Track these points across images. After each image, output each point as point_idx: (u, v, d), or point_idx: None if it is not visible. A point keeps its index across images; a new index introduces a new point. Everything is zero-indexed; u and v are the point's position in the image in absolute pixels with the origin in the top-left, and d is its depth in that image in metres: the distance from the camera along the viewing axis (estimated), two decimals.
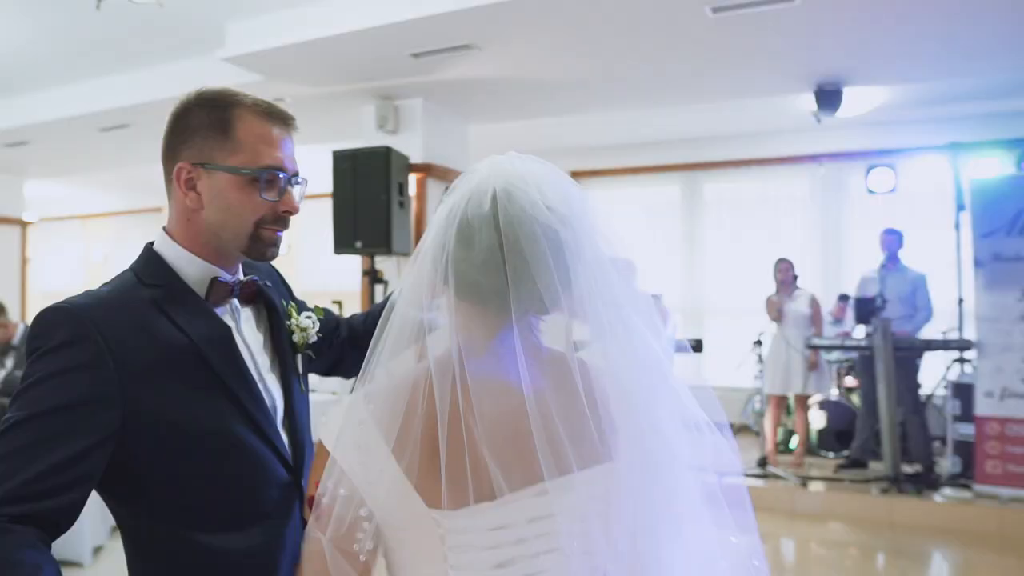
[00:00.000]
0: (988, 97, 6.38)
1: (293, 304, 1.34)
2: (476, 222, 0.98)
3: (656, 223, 9.07)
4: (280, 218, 1.23)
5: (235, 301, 1.24)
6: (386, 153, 5.46)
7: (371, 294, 5.65)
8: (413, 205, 6.01)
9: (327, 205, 5.74)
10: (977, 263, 5.40)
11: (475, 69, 5.38)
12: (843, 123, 7.19)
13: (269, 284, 1.31)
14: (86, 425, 1.04)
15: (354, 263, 6.25)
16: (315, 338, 1.32)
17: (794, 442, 6.37)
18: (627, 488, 0.98)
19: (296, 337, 1.29)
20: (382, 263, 5.78)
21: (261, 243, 1.21)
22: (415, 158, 5.99)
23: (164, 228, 1.25)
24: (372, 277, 5.64)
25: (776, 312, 6.08)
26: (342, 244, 5.60)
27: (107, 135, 7.35)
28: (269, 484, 1.17)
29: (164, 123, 1.25)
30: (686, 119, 7.61)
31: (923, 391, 5.93)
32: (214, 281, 1.20)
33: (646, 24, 4.53)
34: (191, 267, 1.20)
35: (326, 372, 1.52)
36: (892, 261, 5.90)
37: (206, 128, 1.19)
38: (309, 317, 1.32)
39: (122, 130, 7.11)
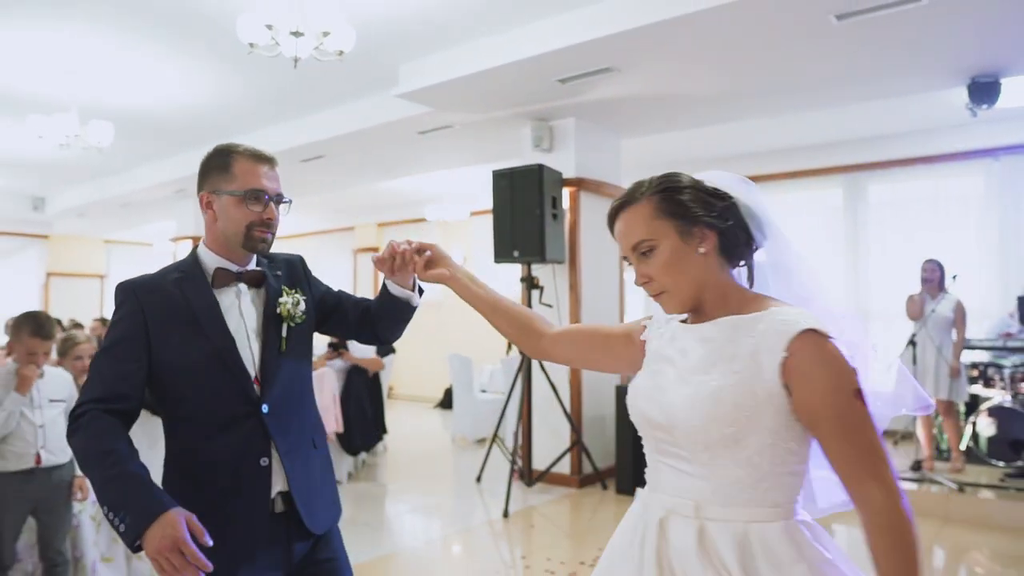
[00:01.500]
0: None
1: (288, 289, 1.86)
2: None
3: (818, 226, 8.94)
4: (264, 222, 1.79)
5: (241, 284, 1.81)
6: (539, 170, 6.00)
7: (528, 298, 6.18)
8: (567, 217, 6.51)
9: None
10: None
11: (618, 88, 5.79)
12: (1019, 112, 6.85)
13: (279, 273, 1.88)
14: (132, 352, 1.69)
15: (514, 271, 6.82)
16: (300, 315, 1.85)
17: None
18: None
19: (280, 310, 1.83)
20: (538, 270, 6.32)
21: (252, 240, 1.79)
22: (568, 173, 6.49)
23: (203, 241, 1.87)
24: (529, 283, 6.19)
25: (917, 311, 5.94)
26: (501, 254, 6.20)
27: (306, 165, 8.49)
28: (235, 404, 1.73)
29: (353, 153, 1.81)
30: (847, 120, 7.51)
31: None
32: (218, 270, 1.79)
33: (771, 38, 4.74)
34: (208, 260, 1.81)
35: (353, 333, 2.07)
36: None
37: (215, 170, 1.80)
38: (298, 302, 1.85)
39: (318, 160, 8.20)
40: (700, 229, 1.41)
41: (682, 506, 1.37)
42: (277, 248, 1.93)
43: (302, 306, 1.86)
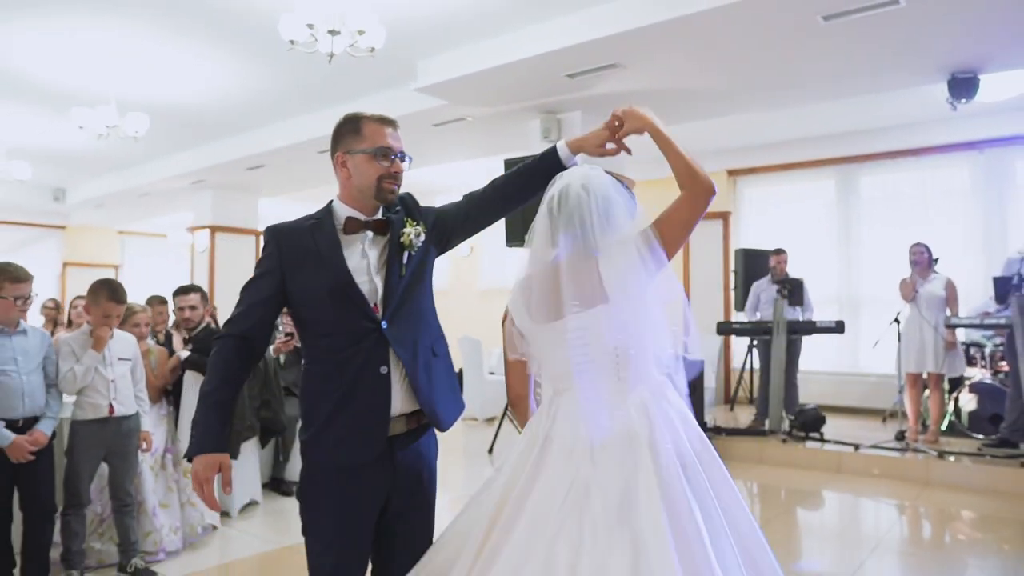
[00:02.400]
0: None
1: (410, 220, 2.17)
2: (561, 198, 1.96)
3: (812, 216, 9.35)
4: (392, 175, 2.09)
5: (368, 233, 2.11)
6: None
7: None
8: None
9: None
10: None
11: (622, 84, 6.19)
12: (1004, 107, 7.24)
13: (399, 209, 2.17)
14: (269, 283, 2.05)
15: (524, 254, 7.18)
16: (419, 244, 2.15)
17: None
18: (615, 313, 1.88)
19: (403, 240, 2.13)
20: None
21: (382, 191, 2.09)
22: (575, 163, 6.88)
23: (337, 195, 2.21)
24: None
25: (911, 293, 6.36)
26: (512, 238, 6.61)
27: (324, 156, 8.83)
28: (357, 324, 2.03)
29: None
30: (838, 114, 7.89)
31: None
32: (348, 219, 2.10)
33: (764, 37, 5.15)
34: (340, 211, 2.12)
35: (463, 232, 2.32)
36: None
37: (348, 133, 2.13)
38: (419, 234, 2.15)
39: None
40: None
41: None
42: None
43: (422, 237, 2.17)
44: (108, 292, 3.64)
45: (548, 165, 2.23)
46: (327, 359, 2.05)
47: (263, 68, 6.55)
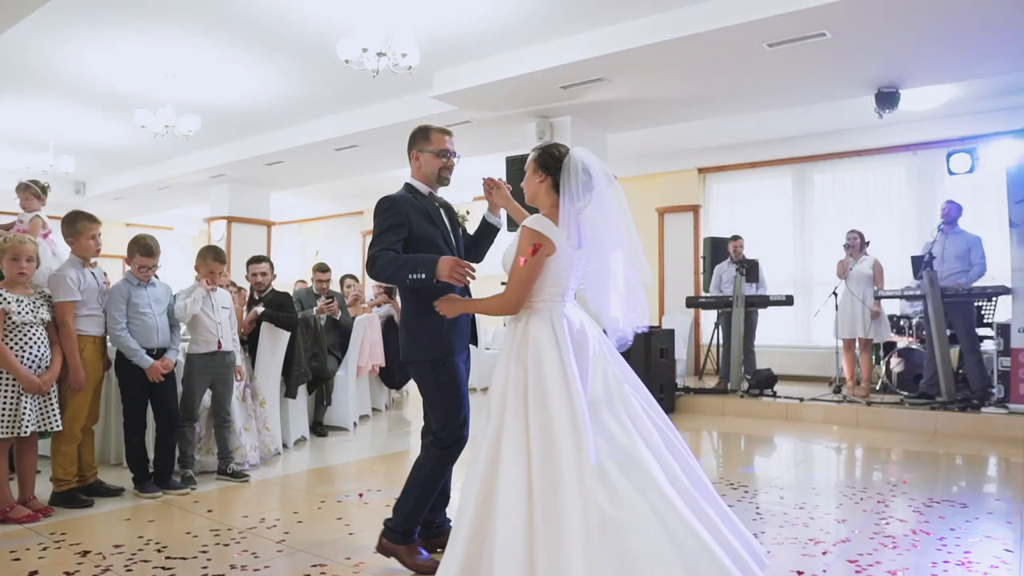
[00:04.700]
0: None
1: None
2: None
3: (772, 209, 10.60)
4: (448, 167, 3.19)
5: (437, 203, 3.25)
6: None
7: None
8: None
9: None
10: (1012, 224, 6.70)
11: (608, 94, 7.36)
12: (932, 115, 8.49)
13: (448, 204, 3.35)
14: (399, 231, 3.04)
15: None
16: (465, 220, 3.29)
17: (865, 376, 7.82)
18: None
19: (459, 219, 3.32)
20: None
21: (442, 178, 3.19)
22: None
23: (411, 177, 3.29)
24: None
25: (844, 271, 7.61)
26: (513, 226, 7.71)
27: (340, 153, 9.95)
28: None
29: (383, 143, 3.16)
30: (796, 119, 9.05)
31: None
32: (430, 193, 3.22)
33: (722, 59, 6.33)
34: (420, 187, 3.20)
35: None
36: (949, 225, 7.25)
37: (420, 139, 3.24)
38: (465, 219, 3.33)
39: (352, 149, 9.68)
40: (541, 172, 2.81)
41: None
42: (292, 232, 3.37)
43: (466, 219, 3.33)
44: (213, 254, 4.76)
45: (486, 227, 3.44)
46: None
47: (299, 74, 7.61)
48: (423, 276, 2.83)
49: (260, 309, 5.47)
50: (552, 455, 2.38)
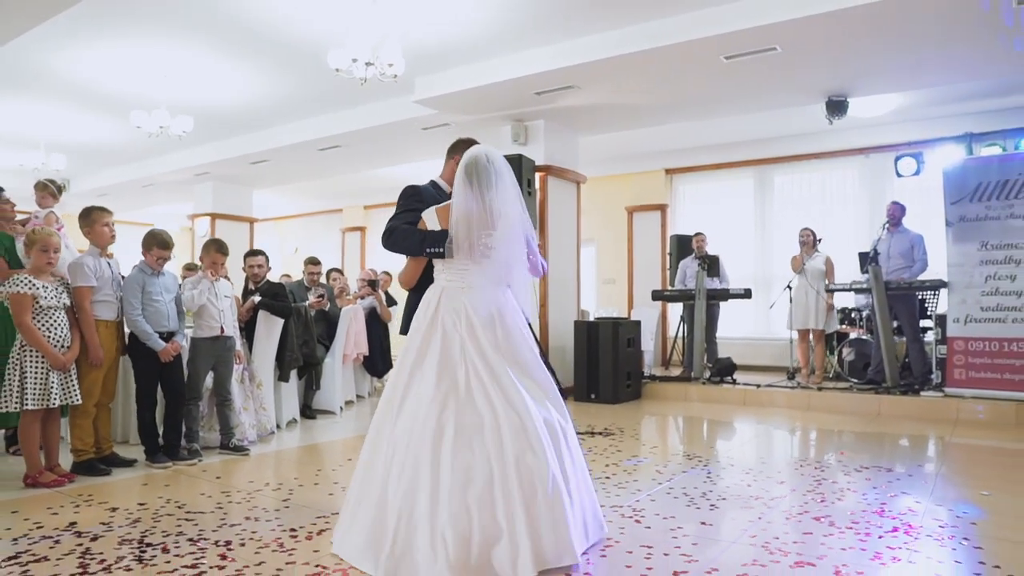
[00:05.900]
0: (970, 98, 8.19)
1: None
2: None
3: (734, 208, 11.20)
4: None
5: None
6: (518, 159, 8.01)
7: None
8: (538, 195, 8.56)
9: None
10: (948, 223, 7.31)
11: (579, 100, 7.86)
12: (882, 120, 9.10)
13: None
14: (416, 215, 3.45)
15: None
16: None
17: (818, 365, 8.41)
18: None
19: None
20: None
21: None
22: (539, 161, 8.54)
23: (440, 176, 3.79)
24: None
25: (799, 266, 8.18)
26: None
27: (323, 153, 10.36)
28: None
29: (365, 143, 3.68)
30: (757, 124, 9.64)
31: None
32: (449, 193, 3.70)
33: (685, 69, 6.87)
34: (444, 185, 3.67)
35: None
36: (894, 224, 7.84)
37: (462, 147, 3.66)
38: None
39: (335, 149, 10.10)
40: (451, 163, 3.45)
41: None
42: (269, 229, 3.81)
43: None
44: (216, 246, 5.19)
45: None
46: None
47: (286, 77, 8.03)
48: (440, 250, 3.21)
49: (257, 298, 5.89)
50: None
